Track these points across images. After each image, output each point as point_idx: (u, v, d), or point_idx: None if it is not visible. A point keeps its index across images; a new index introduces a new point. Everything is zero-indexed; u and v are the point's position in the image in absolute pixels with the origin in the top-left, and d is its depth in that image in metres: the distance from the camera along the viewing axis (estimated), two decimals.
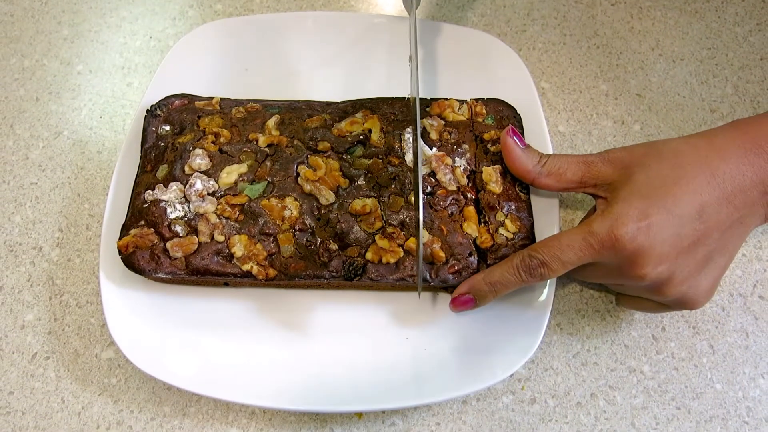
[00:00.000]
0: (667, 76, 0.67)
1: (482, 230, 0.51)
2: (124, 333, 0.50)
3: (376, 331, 0.53)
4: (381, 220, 0.51)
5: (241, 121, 0.56)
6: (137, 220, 0.51)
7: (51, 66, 0.68)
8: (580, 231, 0.44)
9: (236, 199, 0.52)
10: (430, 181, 0.52)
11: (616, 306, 0.57)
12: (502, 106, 0.58)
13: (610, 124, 0.64)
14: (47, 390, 0.53)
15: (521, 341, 0.50)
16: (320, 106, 0.58)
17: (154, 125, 0.56)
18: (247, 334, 0.52)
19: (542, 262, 0.45)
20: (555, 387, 0.53)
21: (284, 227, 0.51)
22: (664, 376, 0.54)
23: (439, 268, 0.50)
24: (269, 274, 0.50)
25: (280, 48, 0.64)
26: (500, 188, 0.53)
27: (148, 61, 0.68)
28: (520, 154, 0.51)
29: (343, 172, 0.53)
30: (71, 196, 0.60)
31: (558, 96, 0.66)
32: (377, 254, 0.50)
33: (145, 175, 0.54)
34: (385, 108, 0.57)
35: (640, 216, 0.43)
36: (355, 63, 0.64)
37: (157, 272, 0.50)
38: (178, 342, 0.51)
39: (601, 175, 0.48)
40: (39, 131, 0.64)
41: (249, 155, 0.54)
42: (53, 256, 0.58)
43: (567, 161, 0.50)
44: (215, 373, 0.50)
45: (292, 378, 0.50)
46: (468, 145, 0.55)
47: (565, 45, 0.69)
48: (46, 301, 0.56)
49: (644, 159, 0.46)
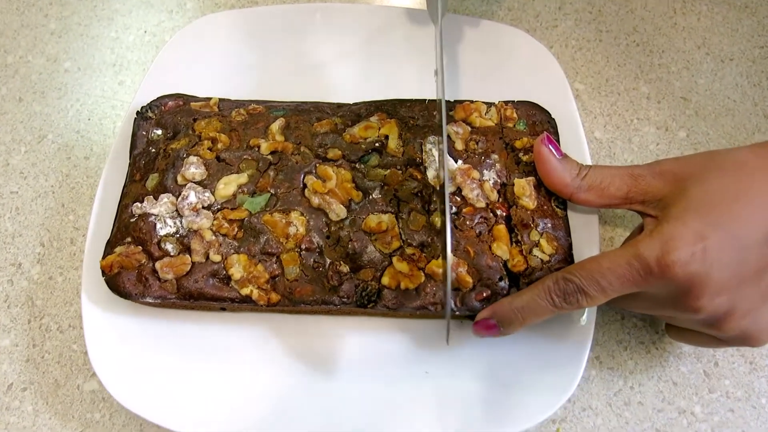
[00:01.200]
0: (716, 78, 0.63)
1: (514, 251, 0.47)
2: (107, 363, 0.48)
3: (391, 364, 0.49)
4: (399, 240, 0.47)
5: (241, 125, 0.53)
6: (123, 237, 0.48)
7: (36, 63, 0.65)
8: (624, 253, 0.40)
9: (235, 214, 0.48)
10: (455, 200, 0.49)
11: (663, 336, 0.52)
12: (534, 109, 0.54)
13: (653, 131, 0.60)
14: (23, 426, 0.50)
15: (558, 377, 0.47)
16: (330, 108, 0.55)
17: (144, 129, 0.53)
18: (248, 367, 0.49)
19: (579, 288, 0.41)
20: (594, 430, 0.49)
21: (289, 246, 0.48)
22: (717, 419, 0.50)
23: (466, 295, 0.46)
24: (271, 299, 0.47)
25: (287, 43, 0.61)
26: (534, 203, 0.48)
27: (141, 57, 0.65)
28: (556, 166, 0.47)
29: (356, 184, 0.50)
30: (55, 206, 0.58)
31: (594, 99, 0.62)
32: (395, 279, 0.47)
33: (134, 185, 0.51)
34: (403, 111, 0.53)
35: (695, 238, 0.39)
36: (369, 61, 0.60)
37: (145, 296, 0.47)
38: (170, 375, 0.48)
39: (651, 190, 0.44)
40: (21, 134, 0.61)
41: (250, 164, 0.50)
42: (33, 273, 0.55)
43: (610, 174, 0.46)
44: (211, 411, 0.47)
45: (298, 416, 0.47)
46: (498, 154, 0.50)
47: (601, 42, 0.65)
48: (25, 324, 0.53)
49: (701, 171, 0.42)
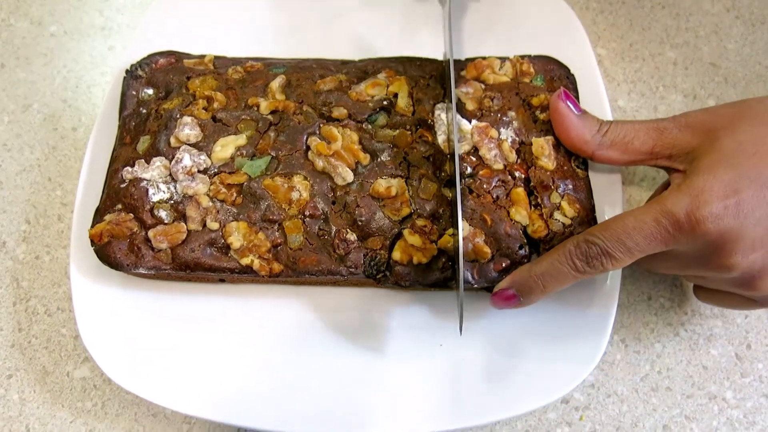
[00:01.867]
0: (746, 42, 0.60)
1: (534, 216, 0.45)
2: (99, 340, 0.45)
3: (403, 336, 0.47)
4: (409, 206, 0.45)
5: (238, 83, 0.50)
6: (113, 204, 0.46)
7: (19, 26, 0.62)
8: (650, 210, 0.38)
9: (233, 178, 0.46)
10: (470, 160, 0.46)
11: (692, 317, 0.50)
12: (552, 64, 0.51)
13: (680, 99, 0.58)
14: (9, 415, 0.47)
15: (581, 350, 0.45)
16: (334, 65, 0.52)
17: (134, 88, 0.51)
18: (251, 343, 0.47)
19: (603, 250, 0.39)
20: (620, 417, 0.47)
21: (292, 213, 0.46)
22: (750, 405, 0.47)
23: (483, 266, 0.44)
24: (273, 269, 0.45)
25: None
26: (554, 164, 0.46)
27: (132, 20, 0.62)
28: (576, 123, 0.45)
29: (363, 146, 0.47)
30: (41, 181, 0.55)
31: (617, 65, 0.59)
32: (406, 253, 0.44)
33: (124, 149, 0.48)
34: (413, 70, 0.51)
35: (727, 191, 0.37)
36: (376, 15, 0.58)
37: (138, 267, 0.45)
38: (165, 352, 0.46)
39: (678, 143, 0.42)
40: (4, 103, 0.59)
41: (248, 124, 0.48)
42: (18, 253, 0.52)
43: (634, 128, 0.44)
44: (211, 391, 0.45)
45: (304, 397, 0.45)
46: (515, 111, 0.48)
47: (624, 4, 0.62)
48: (10, 307, 0.51)
49: (733, 120, 0.40)
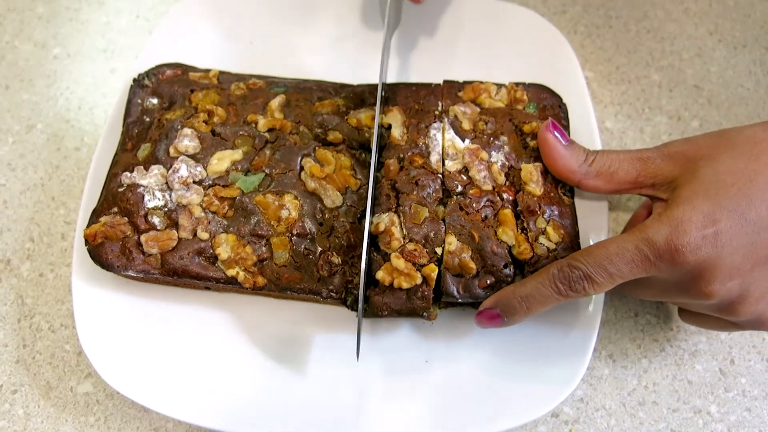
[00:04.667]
0: (728, 65, 0.62)
1: (520, 238, 0.45)
2: (102, 354, 0.45)
3: (389, 352, 0.47)
4: (399, 240, 0.44)
5: (240, 100, 0.51)
6: (110, 206, 0.47)
7: (23, 48, 0.63)
8: (632, 238, 0.39)
9: (226, 192, 0.47)
10: (461, 179, 0.47)
11: (678, 333, 0.51)
12: (545, 93, 0.52)
13: (665, 120, 0.59)
14: (14, 430, 0.48)
15: (564, 368, 0.45)
16: (333, 88, 0.53)
17: (140, 97, 0.52)
18: (242, 352, 0.47)
19: (585, 275, 0.40)
20: (608, 430, 0.48)
21: (280, 230, 0.46)
22: (734, 418, 0.48)
23: (469, 282, 0.45)
24: (257, 282, 0.46)
25: (291, 18, 0.59)
26: (541, 190, 0.47)
27: (134, 43, 0.63)
28: (563, 153, 0.46)
29: (355, 172, 0.48)
30: (44, 200, 0.55)
31: (604, 87, 0.60)
32: (390, 275, 0.44)
33: (125, 154, 0.50)
34: (406, 96, 0.51)
35: (705, 221, 0.38)
36: (376, 40, 0.58)
37: (128, 269, 0.46)
38: (163, 359, 0.47)
39: (660, 172, 0.43)
40: (8, 124, 0.59)
41: (246, 140, 0.49)
42: (23, 270, 0.53)
43: (618, 158, 0.45)
44: (213, 400, 0.45)
45: (286, 409, 0.45)
46: (507, 137, 0.49)
47: (611, 28, 0.63)
48: (14, 323, 0.51)
49: (712, 151, 0.41)
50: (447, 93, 0.51)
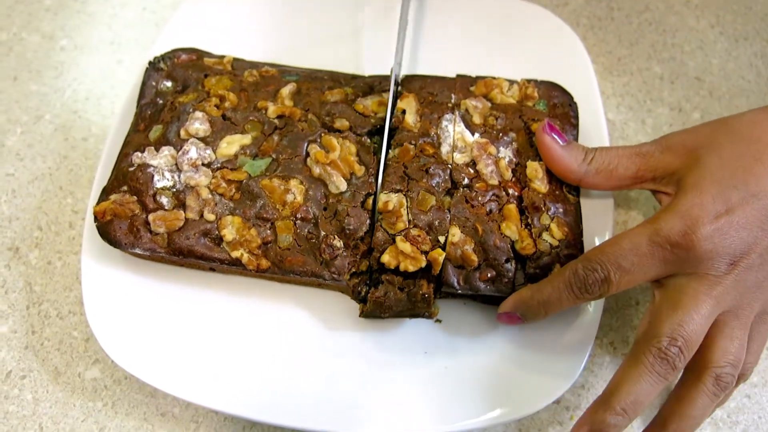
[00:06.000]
0: (730, 57, 0.62)
1: (524, 233, 0.46)
2: (111, 338, 0.46)
3: (388, 342, 0.47)
4: (404, 222, 0.45)
5: (252, 86, 0.52)
6: (120, 185, 0.48)
7: (31, 40, 0.63)
8: (644, 231, 0.39)
9: (234, 175, 0.48)
10: (468, 172, 0.48)
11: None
12: (556, 91, 0.52)
13: (666, 112, 0.59)
14: (23, 414, 0.48)
15: (565, 360, 0.45)
16: (344, 78, 0.54)
17: (154, 79, 0.53)
18: (252, 335, 0.48)
19: (600, 275, 0.40)
20: None
21: (284, 213, 0.47)
22: (734, 405, 0.49)
23: (469, 274, 0.45)
24: (261, 264, 0.46)
25: (311, 7, 0.60)
26: (546, 187, 0.47)
27: (141, 35, 0.64)
28: (561, 154, 0.46)
29: (359, 158, 0.48)
30: (53, 189, 0.56)
31: (606, 79, 0.61)
32: (395, 258, 0.44)
33: (137, 135, 0.50)
34: (419, 86, 0.52)
35: (716, 203, 0.38)
36: (390, 35, 0.57)
37: (135, 247, 0.46)
38: (170, 339, 0.47)
39: (661, 165, 0.43)
40: (17, 115, 0.60)
41: (255, 125, 0.50)
42: (31, 258, 0.53)
43: (617, 155, 0.45)
44: (221, 383, 0.45)
45: (290, 400, 0.45)
46: (516, 133, 0.49)
47: (612, 20, 0.64)
48: (23, 310, 0.52)
49: (713, 138, 0.41)
50: (460, 87, 0.51)
